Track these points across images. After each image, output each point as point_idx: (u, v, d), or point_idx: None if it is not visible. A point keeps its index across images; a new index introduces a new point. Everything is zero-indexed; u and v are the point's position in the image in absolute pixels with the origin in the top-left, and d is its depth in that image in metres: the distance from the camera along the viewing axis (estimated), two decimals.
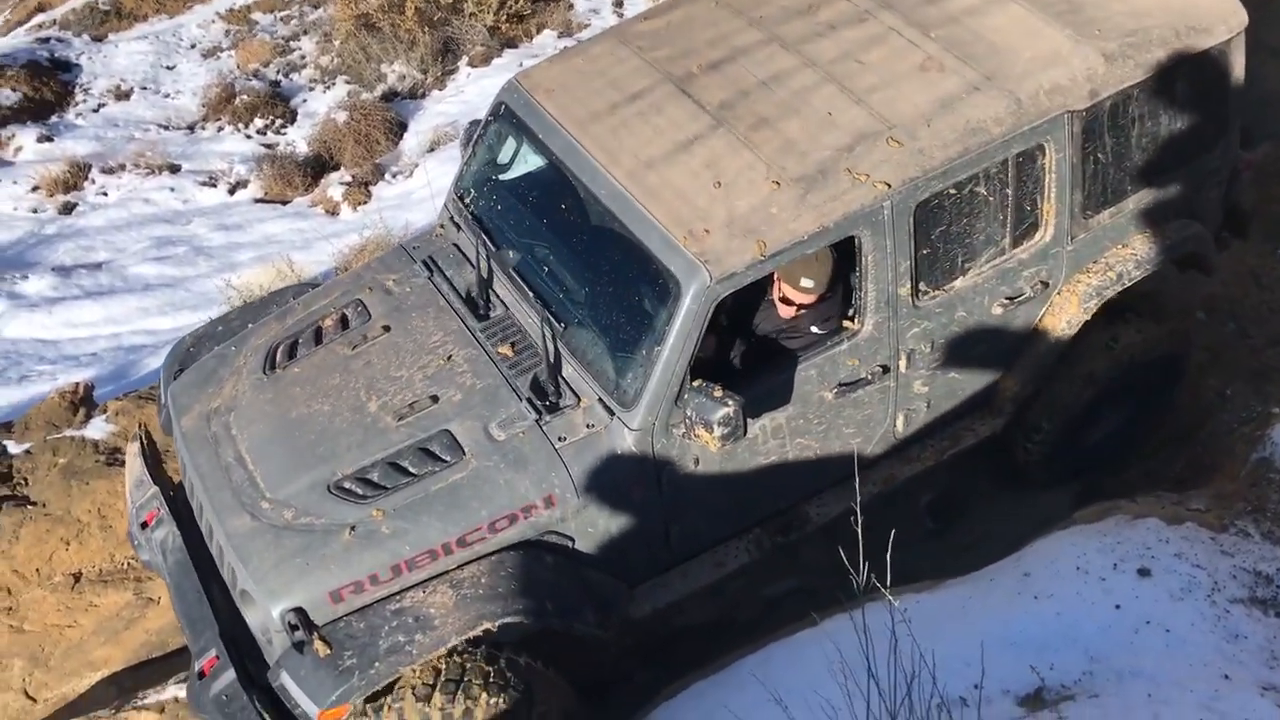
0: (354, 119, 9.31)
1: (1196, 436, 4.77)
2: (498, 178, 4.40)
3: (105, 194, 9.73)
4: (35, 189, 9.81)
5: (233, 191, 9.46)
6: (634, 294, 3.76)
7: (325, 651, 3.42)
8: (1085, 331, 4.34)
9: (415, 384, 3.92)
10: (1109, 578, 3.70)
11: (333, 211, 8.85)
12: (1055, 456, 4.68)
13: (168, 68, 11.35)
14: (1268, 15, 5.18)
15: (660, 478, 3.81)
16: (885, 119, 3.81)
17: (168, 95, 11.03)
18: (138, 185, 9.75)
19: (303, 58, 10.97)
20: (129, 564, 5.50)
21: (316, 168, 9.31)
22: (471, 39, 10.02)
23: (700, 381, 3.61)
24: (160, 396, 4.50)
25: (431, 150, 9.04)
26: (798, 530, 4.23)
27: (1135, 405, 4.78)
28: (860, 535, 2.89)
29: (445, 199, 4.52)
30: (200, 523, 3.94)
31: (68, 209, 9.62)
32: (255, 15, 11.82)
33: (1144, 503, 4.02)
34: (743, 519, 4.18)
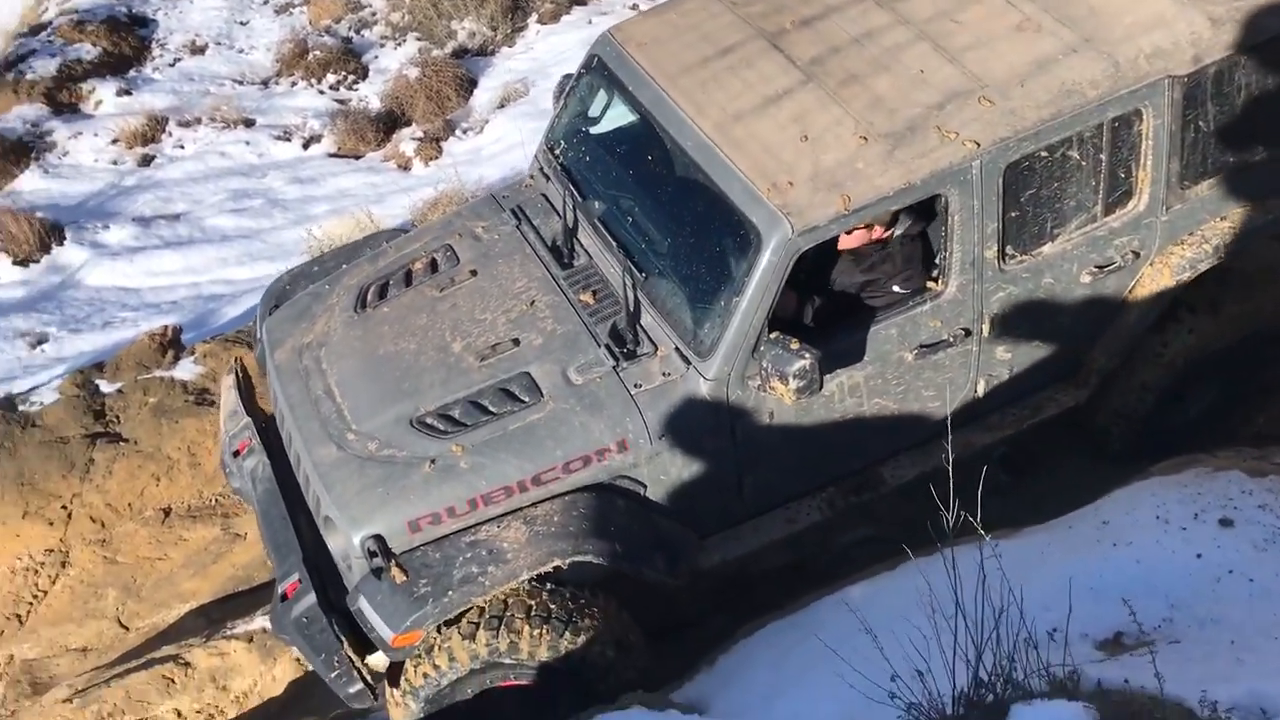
0: (425, 75, 9.53)
1: (1277, 393, 4.74)
2: (587, 130, 4.56)
3: (182, 147, 10.07)
4: (115, 141, 10.17)
5: (306, 146, 9.74)
6: (715, 245, 3.89)
7: (401, 578, 3.61)
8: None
9: (498, 327, 4.10)
10: (1190, 527, 3.71)
11: (405, 166, 9.08)
12: (1139, 433, 4.71)
13: (241, 23, 11.66)
14: None
15: (734, 429, 3.94)
16: (978, 78, 3.88)
17: (241, 51, 11.34)
18: (214, 139, 10.07)
19: (373, 14, 11.21)
20: (217, 500, 5.80)
21: (388, 123, 9.56)
22: None
23: (777, 334, 3.73)
24: (256, 331, 4.75)
25: (501, 107, 9.25)
26: (871, 491, 4.33)
27: (1225, 384, 4.78)
28: (950, 472, 2.94)
29: (536, 150, 4.70)
30: (289, 452, 4.16)
31: (146, 161, 9.97)
32: None
33: (1224, 457, 4.04)
34: (816, 476, 4.30)
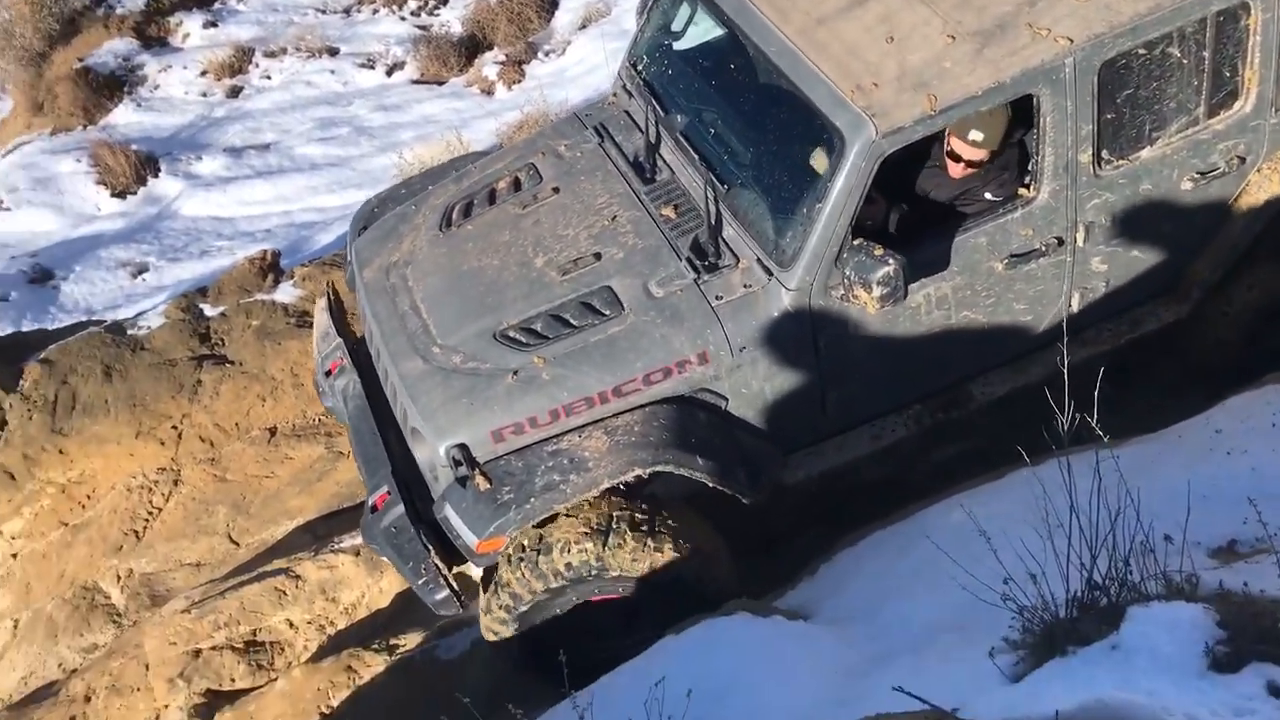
0: None
1: None
2: (670, 45, 4.60)
3: (269, 77, 10.34)
4: (203, 74, 10.49)
5: (390, 73, 9.92)
6: (798, 152, 3.91)
7: (485, 486, 3.77)
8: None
9: (580, 242, 4.20)
10: None
11: (488, 91, 9.21)
12: (1242, 350, 4.62)
13: None
14: None
15: (817, 342, 3.99)
16: None
17: None
18: (299, 68, 10.32)
19: None
20: (320, 420, 6.09)
21: (470, 48, 9.68)
22: None
23: (861, 240, 3.75)
24: (347, 253, 4.94)
25: (583, 28, 9.29)
26: (960, 409, 4.35)
27: None
28: (1065, 376, 2.92)
29: (619, 67, 4.75)
30: (378, 367, 4.34)
31: (234, 92, 10.27)
32: None
33: None
34: (903, 393, 4.33)
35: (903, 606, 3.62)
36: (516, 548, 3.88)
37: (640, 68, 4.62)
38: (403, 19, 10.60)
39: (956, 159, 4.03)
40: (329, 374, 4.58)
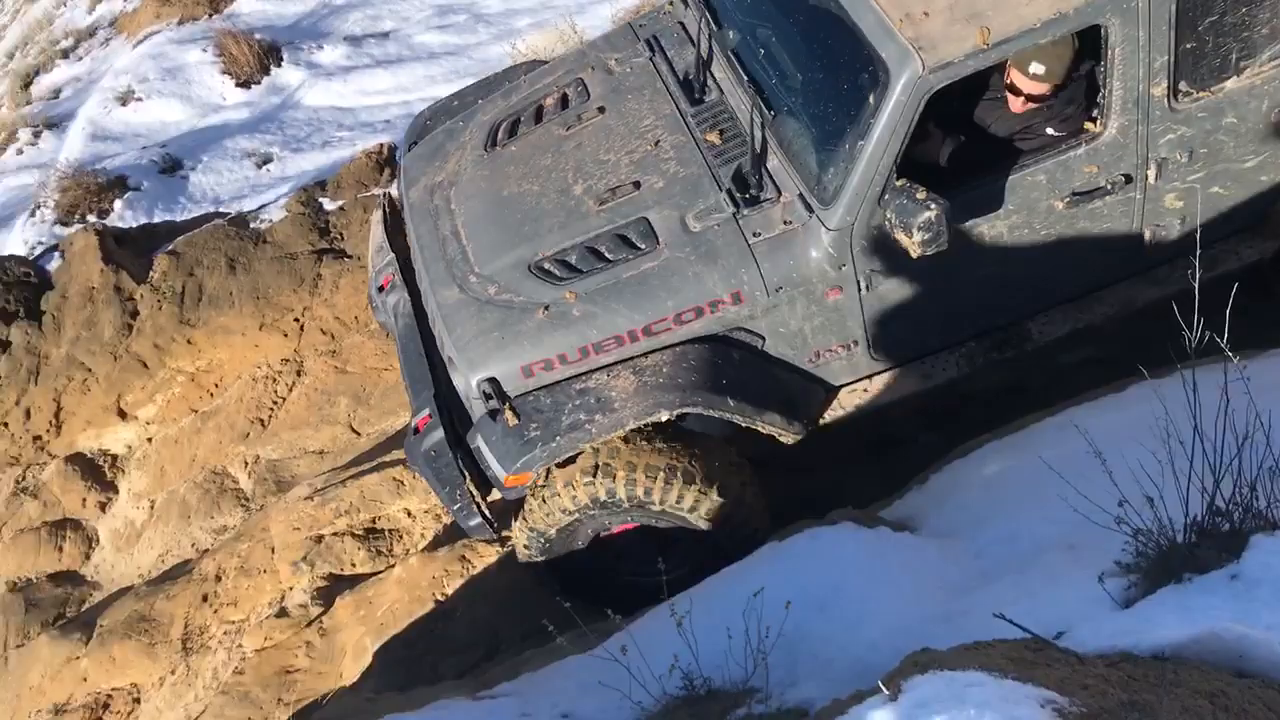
0: None
1: None
2: None
3: None
4: None
5: None
6: (844, 82, 3.76)
7: (514, 421, 3.88)
8: None
9: (620, 169, 4.18)
10: None
11: None
12: None
13: None
14: None
15: (859, 283, 3.90)
16: None
17: None
18: None
19: None
20: None
21: None
22: None
23: (904, 181, 3.61)
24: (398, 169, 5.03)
25: None
26: (1015, 347, 4.20)
27: None
28: (1197, 289, 2.80)
29: None
30: (420, 289, 4.46)
31: None
32: None
33: None
34: (955, 333, 4.21)
35: (1011, 523, 3.56)
36: (539, 481, 4.00)
37: None
38: None
39: (1017, 93, 3.80)
40: (381, 289, 4.69)
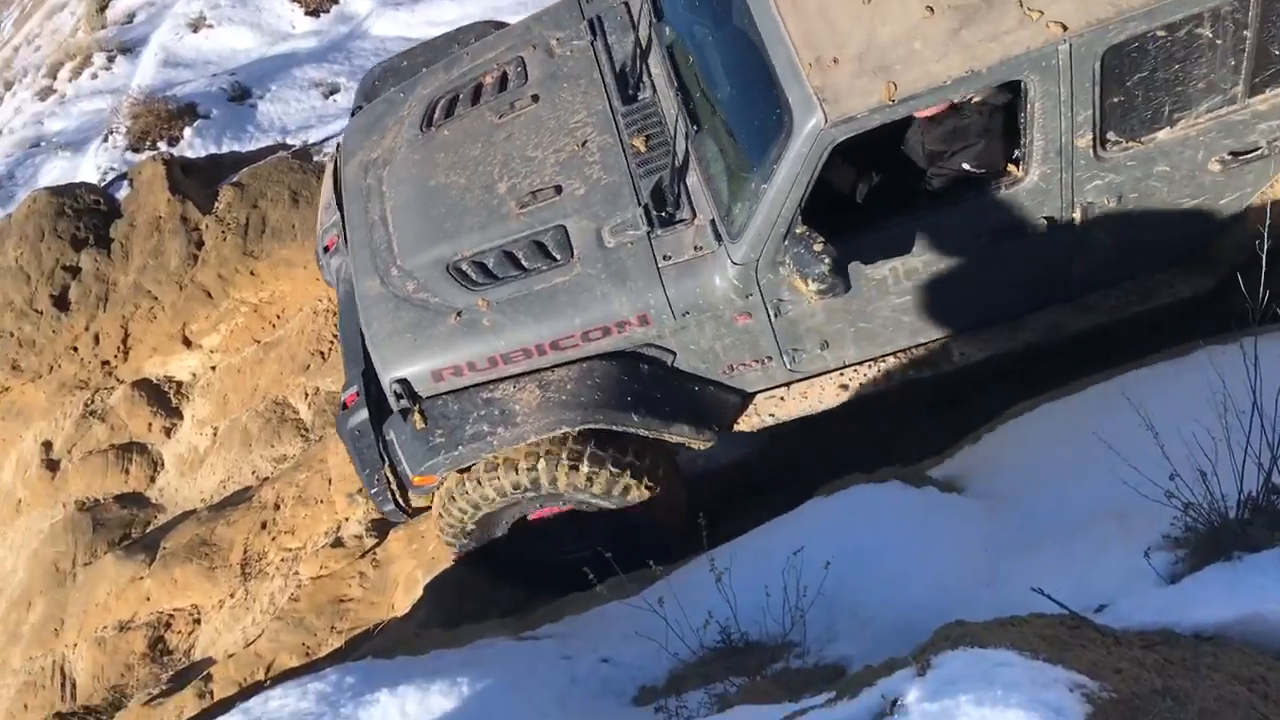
0: None
1: None
2: None
3: None
4: None
5: None
6: (757, 115, 3.70)
7: (421, 425, 4.03)
8: None
9: (545, 169, 4.17)
10: None
11: None
12: None
13: None
14: None
15: (768, 308, 3.93)
16: None
17: None
18: None
19: None
20: None
21: None
22: None
23: (804, 229, 3.61)
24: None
25: None
26: (932, 368, 4.25)
27: None
28: (1264, 260, 2.74)
29: None
30: (349, 269, 4.51)
31: None
32: None
33: None
34: (872, 351, 4.24)
35: (1059, 489, 3.53)
36: (444, 482, 4.18)
37: None
38: None
39: None
40: (326, 250, 4.77)
